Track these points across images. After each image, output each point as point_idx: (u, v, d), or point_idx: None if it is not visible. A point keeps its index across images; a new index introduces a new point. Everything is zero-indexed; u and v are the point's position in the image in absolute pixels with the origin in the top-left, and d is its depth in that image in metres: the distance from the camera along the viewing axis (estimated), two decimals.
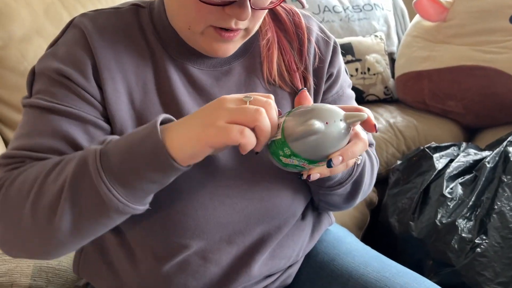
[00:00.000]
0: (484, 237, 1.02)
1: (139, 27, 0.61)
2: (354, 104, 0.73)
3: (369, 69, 1.78)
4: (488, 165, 1.16)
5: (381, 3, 1.99)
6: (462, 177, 1.20)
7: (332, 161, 0.49)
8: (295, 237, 0.69)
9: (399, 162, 1.39)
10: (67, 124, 0.55)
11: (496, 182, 1.12)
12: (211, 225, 0.60)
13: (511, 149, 1.17)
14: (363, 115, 0.48)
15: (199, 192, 0.59)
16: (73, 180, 0.48)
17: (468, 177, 1.19)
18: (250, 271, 0.63)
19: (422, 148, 1.35)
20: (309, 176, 0.53)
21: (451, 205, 1.11)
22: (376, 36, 1.86)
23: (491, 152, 1.25)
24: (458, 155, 1.31)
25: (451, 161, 1.27)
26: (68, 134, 0.55)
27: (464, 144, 1.39)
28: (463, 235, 1.04)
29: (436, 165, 1.25)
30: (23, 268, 0.83)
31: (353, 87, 0.83)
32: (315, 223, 0.74)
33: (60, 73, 0.56)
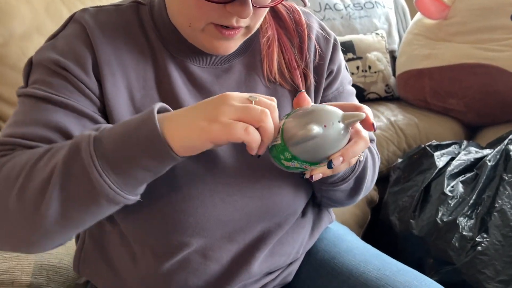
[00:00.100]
0: (485, 235, 1.02)
1: (140, 24, 0.61)
2: (355, 101, 0.73)
3: (370, 67, 1.77)
4: (489, 163, 1.16)
5: (382, 1, 1.98)
6: (463, 175, 1.20)
7: (332, 162, 0.50)
8: (295, 235, 0.69)
9: (400, 160, 1.39)
10: (62, 115, 0.54)
11: (497, 180, 1.12)
12: (212, 222, 0.60)
13: None
14: (361, 114, 0.48)
15: (200, 190, 0.59)
16: (64, 164, 0.46)
17: (469, 175, 1.19)
18: (250, 269, 0.63)
19: (423, 146, 1.35)
20: (311, 176, 0.53)
21: (452, 203, 1.11)
22: (377, 34, 1.86)
23: (492, 150, 1.25)
24: (459, 153, 1.31)
25: (452, 159, 1.27)
26: (63, 125, 0.54)
27: (465, 142, 1.39)
28: (464, 233, 1.04)
29: (437, 163, 1.25)
30: (24, 266, 0.83)
31: (354, 85, 0.83)
32: (315, 221, 0.74)
33: (59, 65, 0.56)
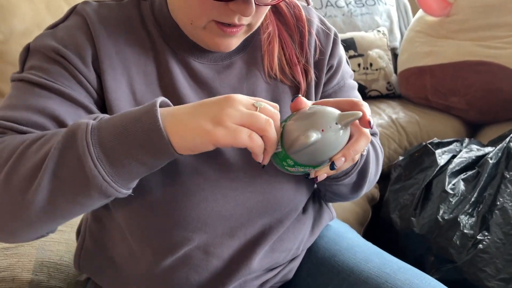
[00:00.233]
0: (486, 233, 1.01)
1: (141, 19, 0.61)
2: (356, 94, 0.73)
3: (371, 64, 1.77)
4: (490, 161, 1.16)
5: None
6: (465, 173, 1.19)
7: (334, 163, 0.50)
8: (295, 231, 0.69)
9: (401, 158, 1.39)
10: (58, 103, 0.54)
11: (499, 178, 1.11)
12: (213, 218, 0.60)
13: None
14: (357, 113, 0.48)
15: (202, 185, 0.59)
16: (58, 151, 0.45)
17: (470, 173, 1.19)
18: (250, 264, 0.63)
19: (424, 144, 1.35)
20: (316, 177, 0.54)
21: (453, 201, 1.11)
22: (378, 31, 1.85)
23: (493, 148, 1.24)
24: (460, 151, 1.30)
25: (454, 157, 1.27)
26: (58, 113, 0.53)
27: (466, 140, 1.38)
28: (465, 231, 1.04)
29: (438, 161, 1.24)
30: (24, 263, 0.83)
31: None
32: (316, 217, 0.74)
33: (58, 53, 0.55)
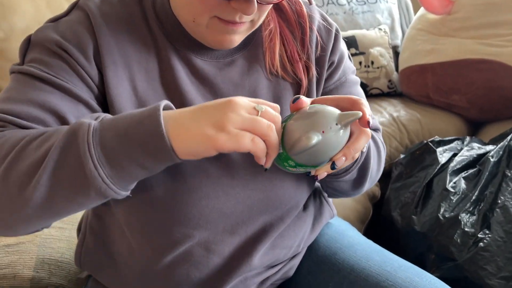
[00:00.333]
0: (487, 232, 1.01)
1: (143, 16, 0.61)
2: (359, 90, 0.73)
3: (372, 62, 1.77)
4: (492, 159, 1.16)
5: None
6: (466, 171, 1.19)
7: (335, 163, 0.51)
8: (296, 228, 0.69)
9: (402, 156, 1.38)
10: (59, 98, 0.53)
11: (500, 176, 1.11)
12: (215, 215, 0.60)
13: None
14: (357, 113, 0.49)
15: (203, 182, 0.59)
16: (58, 150, 0.45)
17: (471, 171, 1.18)
18: (251, 261, 0.63)
19: (425, 142, 1.35)
20: (317, 176, 0.54)
21: (454, 199, 1.11)
22: (380, 29, 1.85)
23: (495, 146, 1.24)
24: (461, 149, 1.30)
25: (455, 155, 1.27)
26: (59, 108, 0.53)
27: (468, 138, 1.38)
28: (466, 229, 1.03)
29: (439, 159, 1.24)
30: (25, 260, 0.83)
31: None
32: (316, 215, 0.74)
33: (60, 46, 0.55)
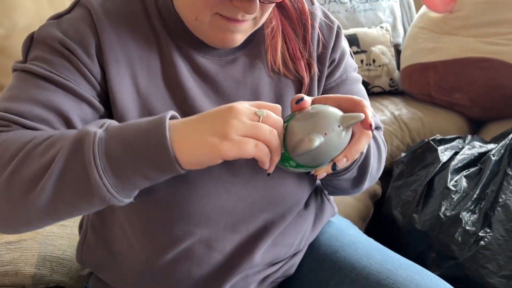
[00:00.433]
0: (488, 230, 1.01)
1: (145, 13, 0.61)
2: (360, 88, 0.73)
3: (374, 60, 1.77)
4: (493, 158, 1.16)
5: None
6: (467, 170, 1.19)
7: (336, 164, 0.51)
8: (297, 226, 0.69)
9: (403, 154, 1.38)
10: (62, 97, 0.54)
11: (501, 175, 1.11)
12: (216, 212, 0.60)
13: None
14: (359, 116, 0.49)
15: (205, 180, 0.59)
16: (64, 158, 0.46)
17: (473, 169, 1.18)
18: (252, 259, 0.63)
19: (426, 140, 1.34)
20: (316, 176, 0.54)
21: (455, 197, 1.11)
22: (381, 27, 1.84)
23: (496, 145, 1.24)
24: (463, 147, 1.30)
25: (456, 153, 1.26)
26: (62, 108, 0.53)
27: (469, 136, 1.38)
28: (467, 228, 1.03)
29: (440, 157, 1.24)
30: (27, 257, 0.83)
31: None
32: (317, 213, 0.74)
33: (63, 44, 0.55)
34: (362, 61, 1.76)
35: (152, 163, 0.46)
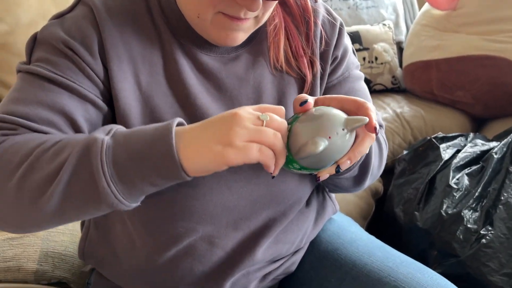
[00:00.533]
0: (490, 228, 1.01)
1: (147, 10, 0.61)
2: (362, 85, 0.72)
3: (376, 58, 1.76)
4: (495, 156, 1.15)
5: None
6: (469, 168, 1.19)
7: (340, 167, 0.51)
8: (299, 223, 0.69)
9: (405, 152, 1.38)
10: (67, 98, 0.54)
11: (503, 173, 1.11)
12: (218, 209, 0.61)
13: None
14: (364, 119, 0.49)
15: (207, 177, 0.59)
16: (72, 165, 0.47)
17: (475, 167, 1.18)
18: (254, 255, 0.64)
19: (428, 138, 1.34)
20: (319, 177, 0.54)
21: (457, 195, 1.11)
22: (384, 24, 1.84)
23: (498, 143, 1.24)
24: (465, 145, 1.30)
25: (458, 151, 1.26)
26: (68, 109, 0.54)
27: (471, 134, 1.38)
28: (468, 225, 1.03)
29: (442, 155, 1.24)
30: (30, 253, 0.84)
31: None
32: (319, 210, 0.74)
33: (66, 44, 0.55)
34: (364, 58, 1.76)
35: (159, 171, 0.47)
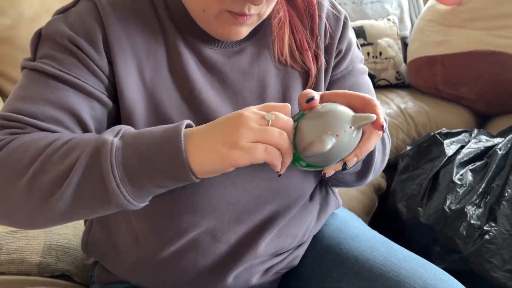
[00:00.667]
0: (493, 224, 1.01)
1: (151, 5, 0.61)
2: (366, 79, 0.72)
3: (381, 53, 1.75)
4: (499, 152, 1.15)
5: None
6: (473, 164, 1.19)
7: (346, 164, 0.51)
8: (302, 217, 0.69)
9: (409, 147, 1.38)
10: (73, 96, 0.54)
11: (507, 169, 1.11)
12: (222, 204, 0.61)
13: None
14: (371, 117, 0.48)
15: None
16: (82, 167, 0.47)
17: (478, 163, 1.18)
18: (256, 249, 0.64)
19: (432, 134, 1.34)
20: (324, 174, 0.54)
21: (461, 191, 1.11)
22: (388, 19, 1.83)
23: (503, 139, 1.23)
24: (469, 141, 1.29)
25: (462, 147, 1.26)
26: (74, 107, 0.54)
27: (475, 130, 1.37)
28: (471, 221, 1.03)
29: (446, 151, 1.24)
30: (33, 246, 0.84)
31: None
32: (322, 205, 0.74)
33: (71, 41, 0.55)
34: (368, 53, 1.75)
35: (167, 173, 0.48)
